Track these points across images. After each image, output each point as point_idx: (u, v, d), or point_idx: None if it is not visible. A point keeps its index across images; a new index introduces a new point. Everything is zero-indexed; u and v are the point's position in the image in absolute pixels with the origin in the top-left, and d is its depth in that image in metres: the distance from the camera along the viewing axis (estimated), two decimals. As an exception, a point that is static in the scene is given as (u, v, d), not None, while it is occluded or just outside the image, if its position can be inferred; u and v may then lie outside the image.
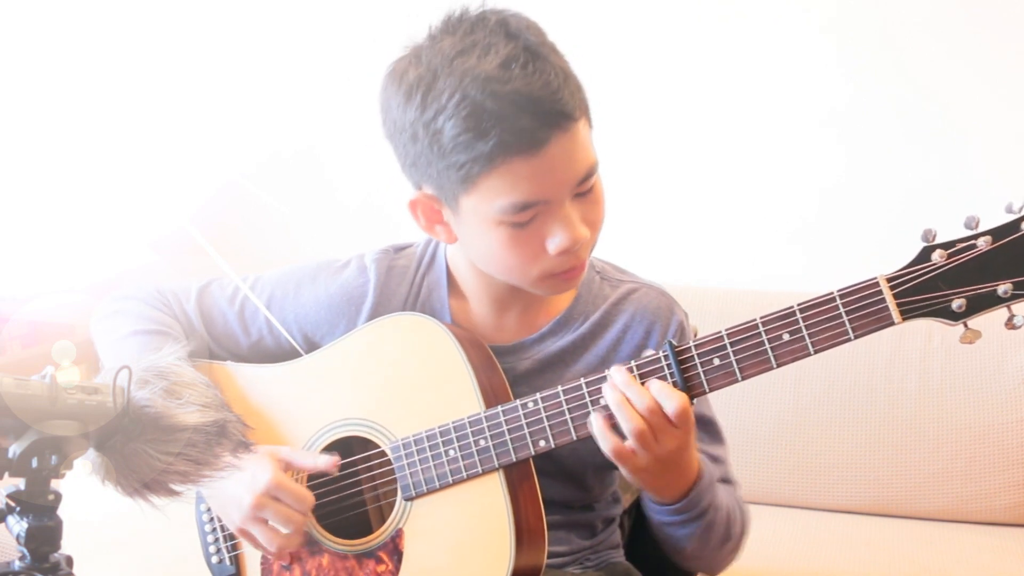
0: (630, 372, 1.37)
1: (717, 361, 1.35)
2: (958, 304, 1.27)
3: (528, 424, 1.41)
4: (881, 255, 2.41)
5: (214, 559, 1.58)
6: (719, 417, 1.57)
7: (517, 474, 1.43)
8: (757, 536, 2.19)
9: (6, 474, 1.09)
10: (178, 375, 1.18)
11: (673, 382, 1.35)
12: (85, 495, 1.26)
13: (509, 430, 1.42)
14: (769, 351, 1.33)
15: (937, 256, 1.27)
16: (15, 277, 2.59)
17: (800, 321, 1.32)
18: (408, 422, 1.47)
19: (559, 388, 1.40)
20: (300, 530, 1.47)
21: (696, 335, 1.68)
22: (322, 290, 1.58)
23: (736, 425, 2.31)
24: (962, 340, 1.29)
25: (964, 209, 1.30)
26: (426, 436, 1.46)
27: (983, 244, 1.26)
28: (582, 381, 1.40)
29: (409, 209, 1.46)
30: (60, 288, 2.57)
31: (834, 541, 2.20)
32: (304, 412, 1.54)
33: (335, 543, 1.51)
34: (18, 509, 1.10)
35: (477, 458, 1.43)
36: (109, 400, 1.11)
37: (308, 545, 1.52)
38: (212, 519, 1.58)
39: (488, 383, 1.45)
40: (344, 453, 1.53)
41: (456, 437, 1.44)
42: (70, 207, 2.62)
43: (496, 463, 1.42)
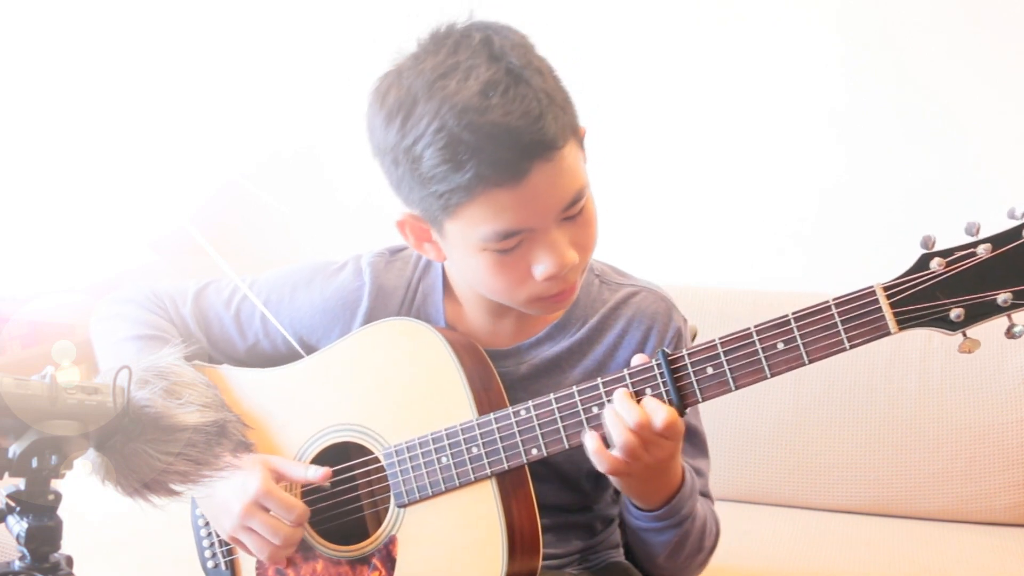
0: (622, 383, 1.36)
1: (711, 370, 1.33)
2: (956, 313, 1.25)
3: (520, 432, 1.41)
4: (881, 256, 2.43)
5: (209, 563, 1.58)
6: (716, 420, 1.57)
7: (510, 481, 1.43)
8: (757, 536, 2.21)
9: (6, 474, 1.09)
10: (178, 375, 1.18)
11: (666, 391, 1.35)
12: (85, 495, 1.26)
13: (501, 438, 1.41)
14: (763, 360, 1.31)
15: (935, 264, 1.25)
16: (15, 277, 2.59)
17: (795, 330, 1.30)
18: (401, 428, 1.47)
19: (551, 396, 1.40)
20: (292, 540, 1.47)
21: (696, 335, 1.68)
22: (317, 294, 1.57)
23: (736, 425, 2.31)
24: (960, 350, 1.27)
25: (964, 209, 1.29)
26: (419, 443, 1.45)
27: (983, 252, 1.23)
28: (574, 389, 1.39)
29: (397, 228, 1.45)
30: (60, 288, 2.57)
31: (834, 541, 2.20)
32: (298, 417, 1.54)
33: (329, 549, 1.51)
34: (18, 509, 1.10)
35: (469, 466, 1.43)
36: (109, 400, 1.11)
37: (302, 550, 1.52)
38: (207, 523, 1.58)
39: (482, 389, 1.45)
40: (339, 458, 1.53)
41: (448, 444, 1.44)
42: (70, 207, 2.62)
43: (488, 471, 1.42)
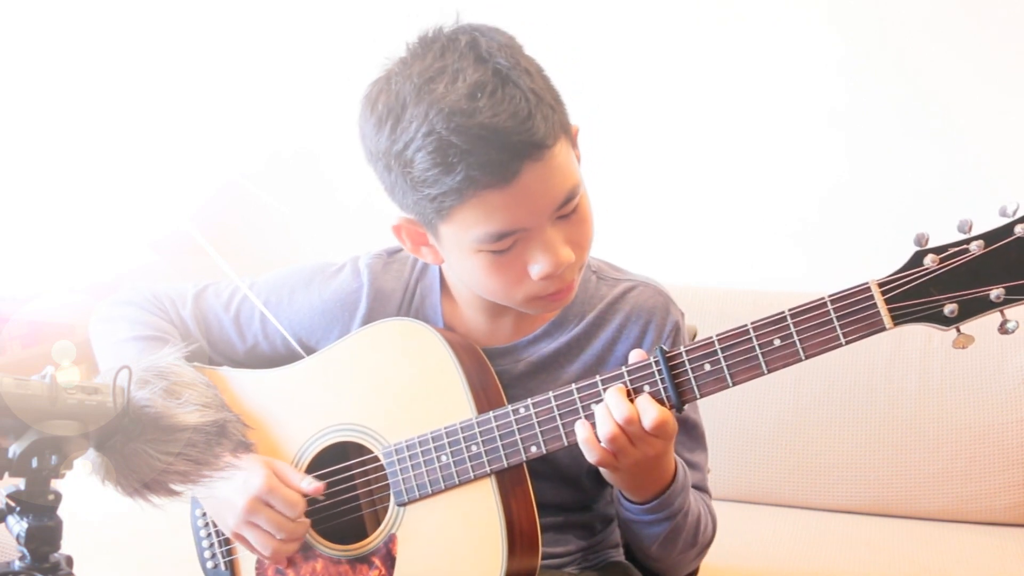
0: (621, 380, 1.37)
1: (708, 367, 1.34)
2: (950, 309, 1.26)
3: (520, 430, 1.41)
4: (881, 255, 2.42)
5: (209, 564, 1.58)
6: (716, 420, 1.58)
7: (510, 479, 1.43)
8: (757, 536, 2.21)
9: (6, 474, 1.09)
10: (178, 375, 1.18)
11: (664, 387, 1.35)
12: (85, 495, 1.26)
13: (501, 436, 1.42)
14: (760, 357, 1.32)
15: (929, 261, 1.26)
16: (15, 277, 2.59)
17: (791, 327, 1.31)
18: (401, 428, 1.47)
19: (550, 394, 1.40)
20: (296, 537, 1.47)
21: (695, 335, 1.68)
22: (316, 296, 1.58)
23: (736, 425, 2.31)
24: (955, 345, 1.28)
25: (965, 209, 1.29)
26: (418, 442, 1.45)
27: (976, 248, 1.25)
28: (573, 387, 1.39)
29: (393, 233, 1.45)
30: (60, 288, 2.57)
31: (834, 541, 2.20)
32: (298, 417, 1.54)
33: (329, 548, 1.51)
34: (18, 509, 1.10)
35: (469, 464, 1.43)
36: (109, 400, 1.11)
37: (302, 550, 1.52)
38: (207, 523, 1.58)
39: (481, 388, 1.45)
40: (338, 458, 1.53)
41: (448, 443, 1.44)
42: (70, 207, 2.62)
43: (488, 469, 1.42)
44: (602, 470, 1.41)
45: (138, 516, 1.23)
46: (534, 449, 1.41)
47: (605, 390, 1.37)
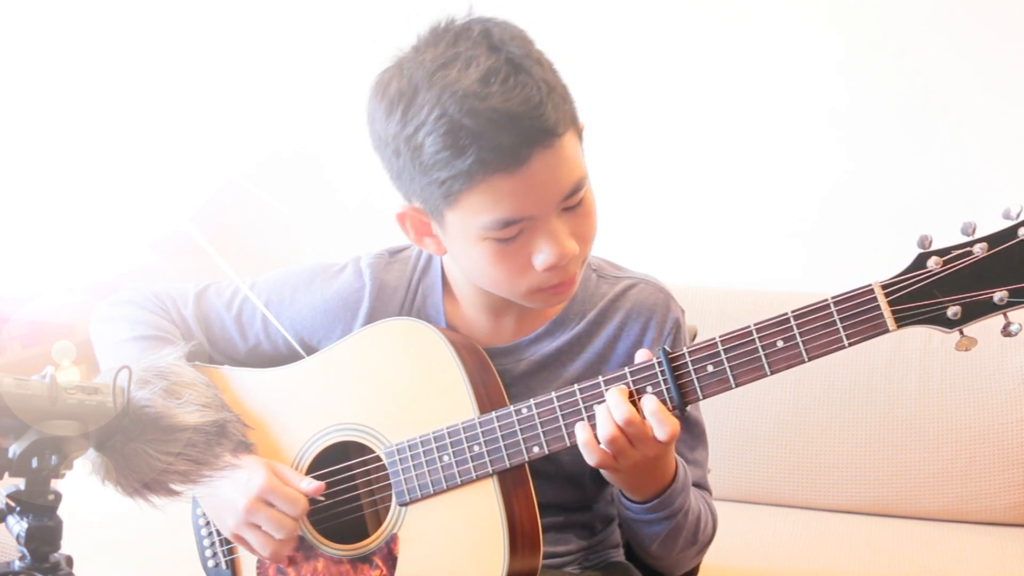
0: (623, 380, 1.37)
1: (711, 368, 1.34)
2: (953, 311, 1.26)
3: (522, 430, 1.41)
4: (881, 256, 2.43)
5: (210, 563, 1.58)
6: (716, 420, 1.58)
7: (511, 479, 1.43)
8: (757, 536, 2.21)
9: (6, 474, 1.09)
10: (178, 375, 1.18)
11: (667, 388, 1.35)
12: (85, 495, 1.26)
13: (503, 436, 1.42)
14: (763, 358, 1.32)
15: (932, 263, 1.26)
16: (15, 277, 2.59)
17: (794, 328, 1.31)
18: (403, 427, 1.47)
19: (553, 394, 1.40)
20: (293, 535, 1.48)
21: (696, 335, 1.68)
22: (318, 295, 1.58)
23: (736, 425, 2.31)
24: (958, 347, 1.28)
25: (965, 210, 1.30)
26: (420, 441, 1.45)
27: (979, 251, 1.25)
28: (576, 387, 1.39)
29: (397, 222, 1.45)
30: (60, 288, 2.57)
31: (834, 541, 2.20)
32: (300, 417, 1.54)
33: (330, 547, 1.51)
34: (18, 509, 1.10)
35: (471, 464, 1.43)
36: (109, 400, 1.11)
37: (303, 549, 1.52)
38: (208, 523, 1.58)
39: (483, 388, 1.45)
40: (340, 458, 1.53)
41: (451, 443, 1.44)
42: (70, 207, 2.62)
43: (490, 469, 1.42)
44: (602, 471, 1.41)
45: (138, 516, 1.23)
46: (536, 449, 1.41)
47: (607, 390, 1.37)
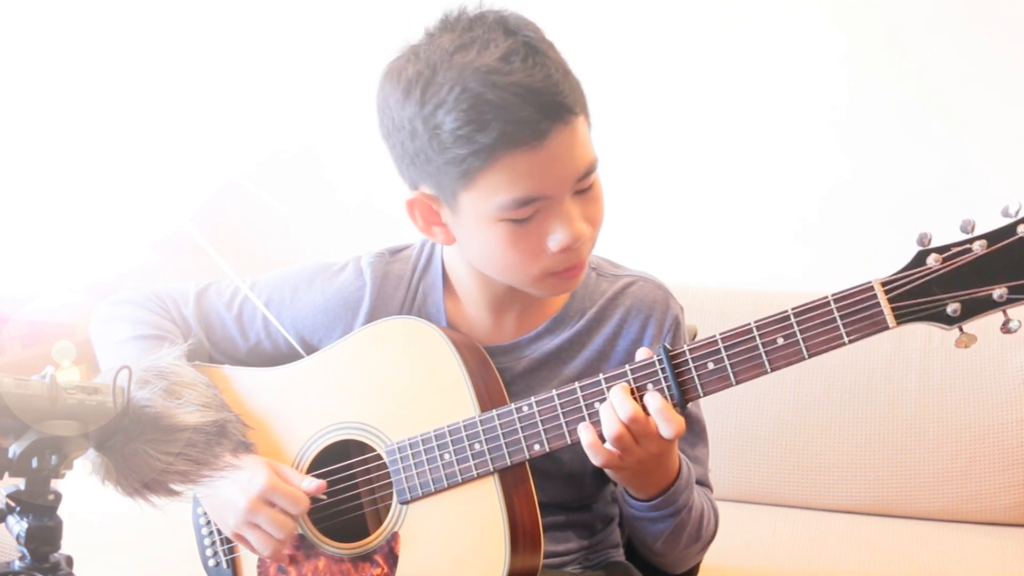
0: (624, 378, 1.37)
1: (711, 365, 1.34)
2: (953, 308, 1.27)
3: (523, 428, 1.41)
4: (881, 256, 2.43)
5: (211, 562, 1.58)
6: (716, 420, 1.58)
7: (512, 477, 1.43)
8: (757, 536, 2.21)
9: (6, 474, 1.09)
10: (178, 375, 1.18)
11: (667, 385, 1.35)
12: (85, 495, 1.26)
13: (504, 434, 1.42)
14: (763, 356, 1.32)
15: (932, 260, 1.27)
16: (15, 277, 2.59)
17: (795, 325, 1.31)
18: (404, 426, 1.47)
19: (554, 392, 1.40)
20: (292, 535, 1.48)
21: (695, 335, 1.68)
22: (319, 294, 1.58)
23: (736, 425, 2.31)
24: (957, 344, 1.29)
25: (965, 209, 1.30)
26: (421, 440, 1.46)
27: (978, 248, 1.25)
28: (576, 385, 1.39)
29: (406, 209, 1.45)
30: (60, 288, 2.57)
31: (834, 541, 2.20)
32: (300, 416, 1.54)
33: (331, 546, 1.51)
34: (18, 509, 1.10)
35: (472, 462, 1.43)
36: (109, 400, 1.11)
37: (304, 548, 1.52)
38: (209, 522, 1.58)
39: (484, 386, 1.45)
40: (340, 457, 1.53)
41: (451, 441, 1.44)
42: (70, 207, 2.62)
43: (491, 467, 1.42)
44: (607, 470, 1.41)
45: (138, 516, 1.23)
46: (537, 448, 1.41)
47: (609, 389, 1.37)
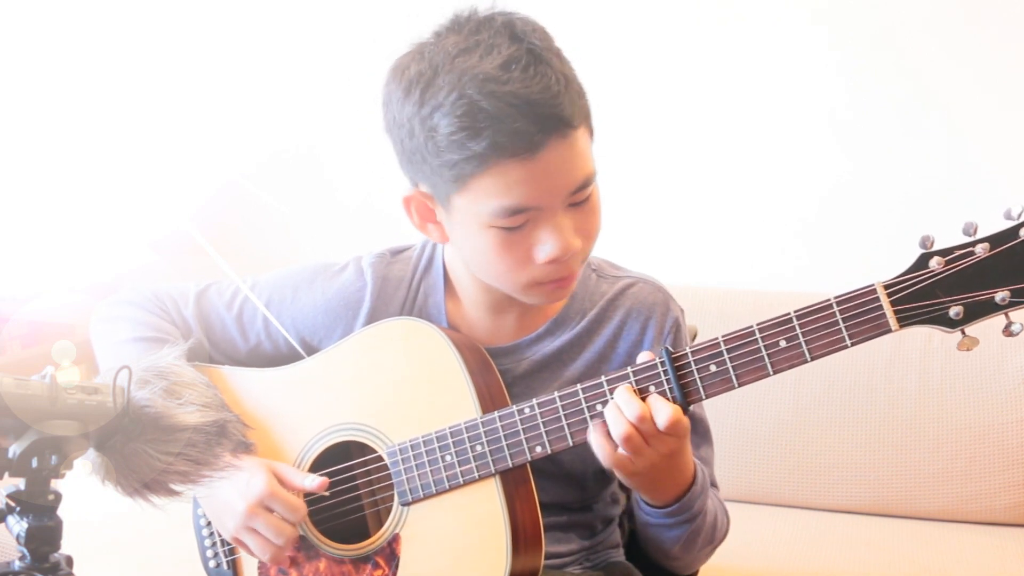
0: (626, 380, 1.36)
1: (714, 368, 1.34)
2: (955, 311, 1.27)
3: (525, 430, 1.41)
4: (881, 256, 2.43)
5: (211, 563, 1.58)
6: (716, 420, 1.58)
7: (513, 478, 1.43)
8: (757, 536, 2.21)
9: (6, 474, 1.09)
10: (178, 375, 1.18)
11: (669, 388, 1.35)
12: (85, 495, 1.26)
13: (505, 436, 1.42)
14: (766, 358, 1.32)
15: (935, 263, 1.26)
16: (15, 277, 2.59)
17: (797, 328, 1.31)
18: (405, 427, 1.47)
19: (556, 394, 1.40)
20: (292, 540, 1.47)
21: (696, 335, 1.68)
22: (319, 295, 1.58)
23: (736, 425, 2.31)
24: (959, 347, 1.29)
25: (965, 210, 1.30)
26: (423, 441, 1.45)
27: (981, 251, 1.25)
28: (579, 387, 1.39)
29: (403, 205, 1.45)
30: (60, 288, 2.57)
31: (834, 541, 2.20)
32: (301, 417, 1.54)
33: (332, 548, 1.51)
34: (18, 509, 1.10)
35: (474, 464, 1.43)
36: (109, 400, 1.11)
37: (305, 549, 1.52)
38: (209, 523, 1.58)
39: (485, 388, 1.45)
40: (341, 458, 1.53)
41: (453, 443, 1.44)
42: (70, 207, 2.62)
43: (492, 469, 1.42)
44: (619, 474, 1.40)
45: (138, 516, 1.23)
46: (539, 449, 1.41)
47: (611, 390, 1.37)
